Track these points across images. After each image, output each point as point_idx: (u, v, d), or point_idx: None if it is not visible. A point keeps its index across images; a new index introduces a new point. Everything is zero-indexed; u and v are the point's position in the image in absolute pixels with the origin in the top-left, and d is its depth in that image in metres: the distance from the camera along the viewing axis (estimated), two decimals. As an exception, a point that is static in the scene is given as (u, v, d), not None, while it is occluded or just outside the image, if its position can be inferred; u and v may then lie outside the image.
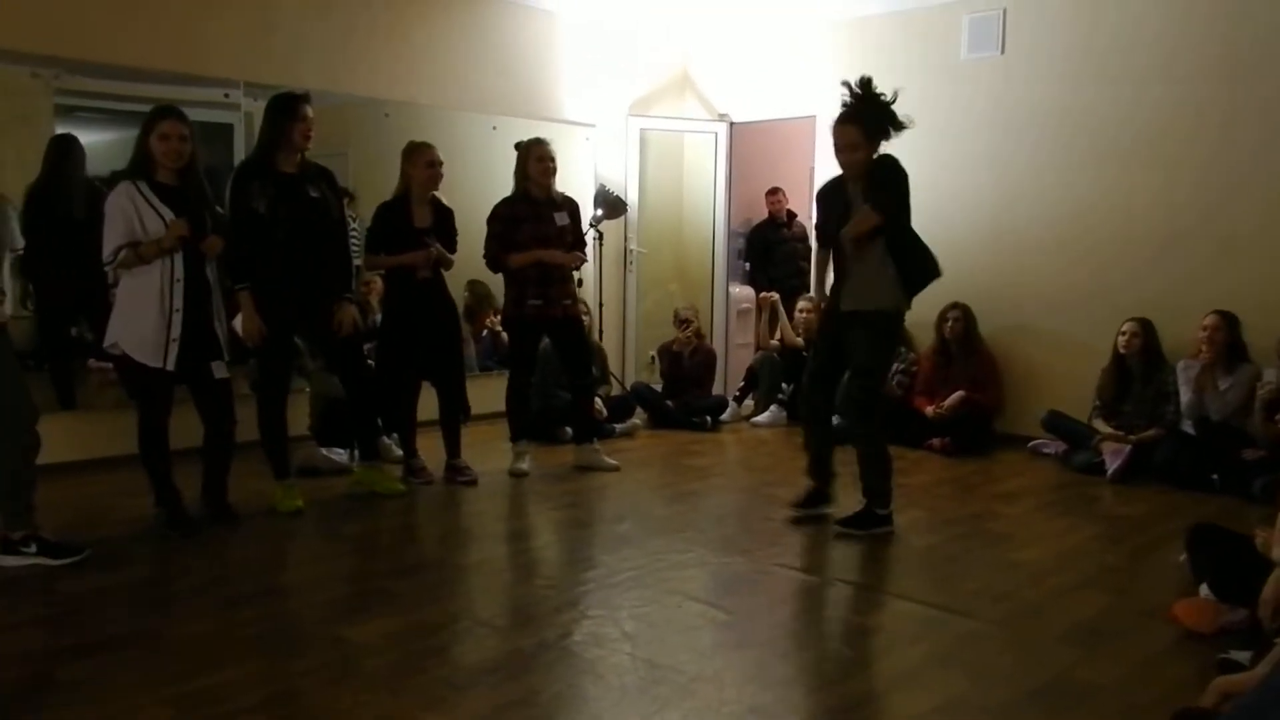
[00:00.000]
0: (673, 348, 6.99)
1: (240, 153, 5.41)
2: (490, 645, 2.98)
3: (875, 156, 4.01)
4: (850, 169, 4.06)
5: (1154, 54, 5.76)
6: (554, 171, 5.08)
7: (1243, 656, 2.68)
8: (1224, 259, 5.56)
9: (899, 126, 3.96)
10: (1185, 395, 5.34)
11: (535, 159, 5.02)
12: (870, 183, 3.99)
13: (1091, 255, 6.03)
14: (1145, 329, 5.51)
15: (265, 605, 3.30)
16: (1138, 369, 5.54)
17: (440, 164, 4.85)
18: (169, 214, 3.86)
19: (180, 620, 3.13)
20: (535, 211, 5.03)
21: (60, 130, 4.98)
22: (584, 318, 5.75)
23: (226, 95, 5.50)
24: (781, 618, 3.41)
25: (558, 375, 5.92)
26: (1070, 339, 6.10)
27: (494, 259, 5.08)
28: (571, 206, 5.23)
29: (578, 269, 5.33)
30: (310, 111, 4.27)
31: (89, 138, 5.07)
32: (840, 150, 4.05)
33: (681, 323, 6.96)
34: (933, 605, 3.35)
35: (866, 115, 3.97)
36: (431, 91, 6.42)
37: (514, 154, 5.16)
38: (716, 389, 7.17)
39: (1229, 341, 5.22)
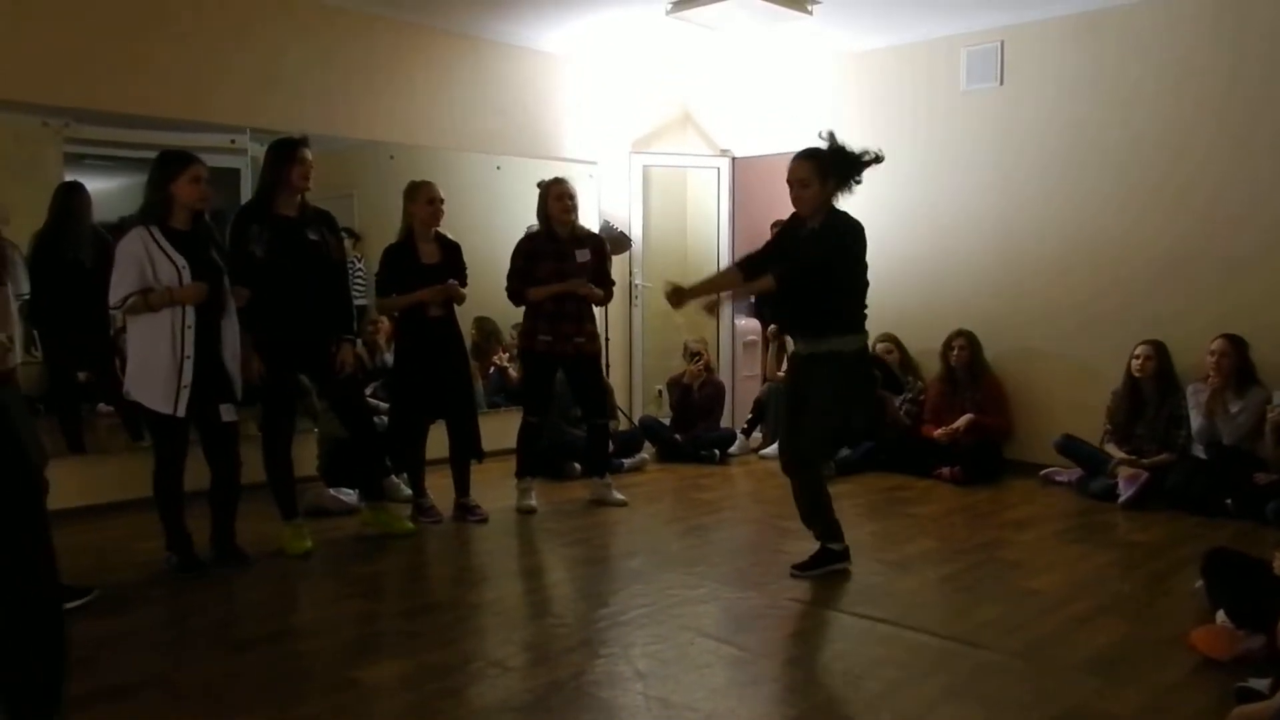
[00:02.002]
0: (683, 380, 6.99)
1: (246, 196, 5.44)
2: (503, 686, 2.96)
3: (831, 209, 3.92)
4: (800, 205, 3.95)
5: (1155, 80, 5.80)
6: (574, 209, 5.13)
7: (1261, 684, 2.65)
8: (1230, 280, 5.56)
9: (857, 177, 3.86)
10: (1195, 419, 5.33)
11: (554, 197, 5.08)
12: (812, 235, 3.90)
13: (1095, 281, 6.04)
14: (1159, 351, 5.50)
15: (276, 648, 3.29)
16: (1151, 392, 5.53)
17: (441, 201, 4.89)
18: (181, 260, 3.89)
19: (191, 664, 3.12)
20: (557, 248, 5.08)
21: (69, 177, 5.03)
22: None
23: (233, 141, 5.55)
24: (795, 653, 3.39)
25: (567, 410, 5.92)
26: (1076, 364, 6.09)
27: (515, 293, 5.12)
28: (595, 244, 5.28)
29: (600, 305, 5.35)
30: (309, 155, 4.31)
31: (97, 184, 5.12)
32: (791, 185, 3.93)
33: (692, 356, 6.97)
34: (947, 637, 3.33)
35: (824, 155, 3.87)
36: (435, 133, 6.47)
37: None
38: (724, 422, 7.16)
39: (1238, 365, 5.21)
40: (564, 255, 5.08)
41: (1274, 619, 2.82)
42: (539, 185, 5.17)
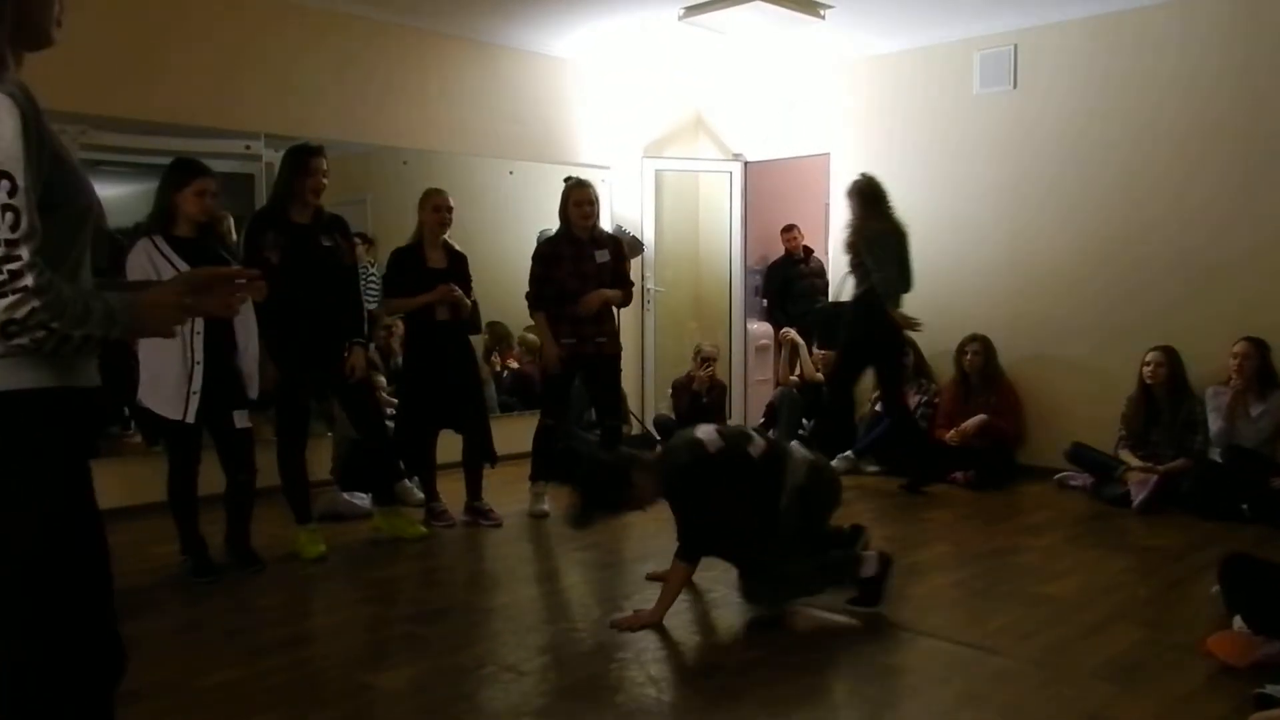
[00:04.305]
0: (692, 387, 6.98)
1: (261, 202, 5.48)
2: (517, 690, 2.97)
3: None
4: None
5: (1169, 84, 5.77)
6: (592, 214, 5.16)
7: (1279, 690, 2.63)
8: (1243, 284, 5.52)
9: None
10: (1214, 423, 5.29)
11: (573, 203, 5.13)
12: None
13: (1108, 285, 6.01)
14: (1170, 357, 5.47)
15: (291, 653, 3.29)
16: (1164, 398, 5.49)
17: (449, 209, 4.92)
18: (184, 267, 3.90)
19: (206, 669, 3.13)
20: (576, 250, 5.12)
21: (86, 184, 5.06)
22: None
23: (248, 147, 5.58)
24: (808, 658, 3.37)
25: (579, 414, 5.93)
26: (1091, 368, 6.07)
27: (530, 300, 5.19)
28: (614, 245, 5.31)
29: (619, 306, 5.36)
30: (322, 165, 4.33)
31: (113, 191, 5.16)
32: None
33: (704, 361, 6.96)
34: (962, 643, 3.32)
35: None
36: (448, 139, 6.49)
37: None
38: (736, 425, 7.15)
39: (1260, 369, 5.19)
40: (583, 256, 5.11)
41: (1292, 625, 2.80)
42: (565, 180, 5.22)
